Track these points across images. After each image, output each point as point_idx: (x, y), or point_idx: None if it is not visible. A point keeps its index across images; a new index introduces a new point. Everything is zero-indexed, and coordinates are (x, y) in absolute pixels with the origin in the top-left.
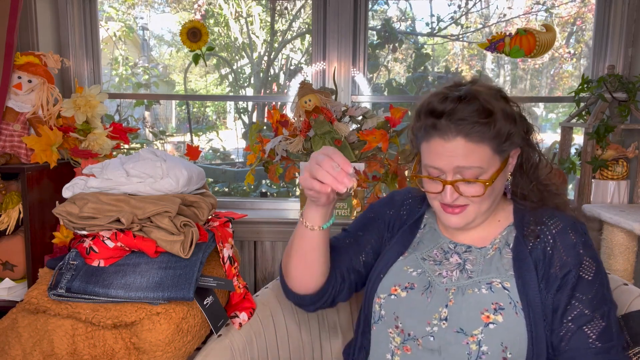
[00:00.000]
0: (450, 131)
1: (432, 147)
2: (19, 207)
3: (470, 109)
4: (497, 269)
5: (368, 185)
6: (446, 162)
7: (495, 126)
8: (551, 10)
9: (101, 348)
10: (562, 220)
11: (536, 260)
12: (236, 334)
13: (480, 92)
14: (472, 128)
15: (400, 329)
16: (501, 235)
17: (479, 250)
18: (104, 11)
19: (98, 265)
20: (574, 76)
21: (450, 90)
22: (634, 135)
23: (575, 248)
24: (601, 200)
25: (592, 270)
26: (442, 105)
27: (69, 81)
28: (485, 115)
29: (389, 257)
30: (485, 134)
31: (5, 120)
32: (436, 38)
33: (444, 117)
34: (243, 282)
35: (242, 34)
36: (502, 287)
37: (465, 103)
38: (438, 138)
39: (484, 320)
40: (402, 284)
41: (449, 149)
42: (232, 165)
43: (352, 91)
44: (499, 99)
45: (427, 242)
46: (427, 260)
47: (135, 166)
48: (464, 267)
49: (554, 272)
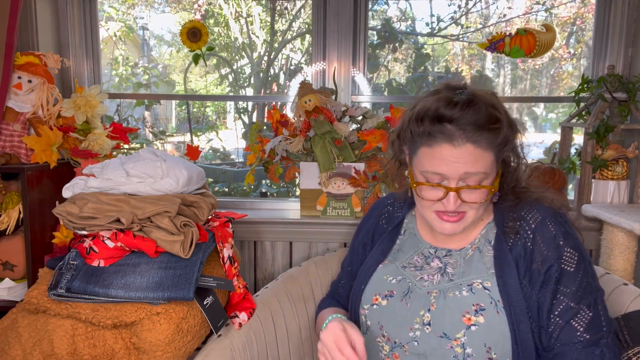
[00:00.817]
0: (459, 137)
1: (437, 152)
2: (19, 207)
3: (479, 115)
4: (477, 269)
5: (368, 185)
6: (453, 169)
7: (502, 133)
8: (551, 11)
9: (101, 348)
10: (540, 213)
11: (517, 257)
12: (236, 334)
13: (483, 97)
14: (480, 135)
15: (386, 338)
16: (481, 234)
17: (458, 253)
18: (104, 11)
19: (98, 265)
20: (574, 76)
21: (453, 94)
22: (634, 135)
23: (556, 240)
24: (601, 200)
25: (574, 260)
26: (450, 111)
27: (69, 81)
28: (494, 122)
29: (369, 267)
30: (493, 140)
31: (5, 120)
32: (436, 38)
33: (453, 122)
34: (243, 282)
35: (242, 34)
36: (483, 287)
37: (472, 108)
38: (446, 144)
39: (465, 322)
40: (382, 293)
41: (457, 155)
42: (232, 165)
43: (352, 91)
44: (499, 103)
45: (407, 249)
46: (408, 268)
47: (135, 166)
48: (445, 271)
49: (536, 268)
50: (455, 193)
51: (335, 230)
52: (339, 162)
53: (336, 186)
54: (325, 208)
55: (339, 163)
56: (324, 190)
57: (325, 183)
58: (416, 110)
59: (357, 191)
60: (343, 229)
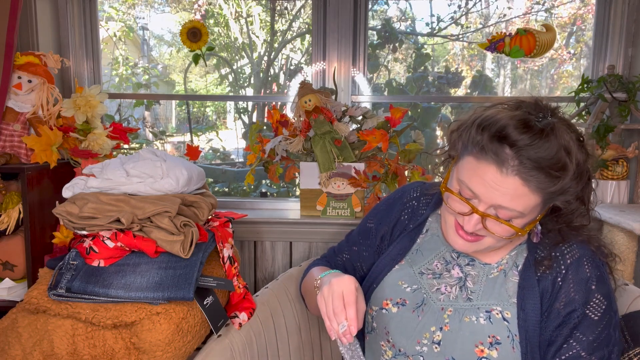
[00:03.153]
0: (511, 166)
1: (481, 170)
2: (19, 207)
3: (545, 153)
4: (499, 294)
5: (368, 185)
6: (489, 194)
7: (561, 182)
8: (551, 11)
9: (101, 348)
10: (580, 250)
11: (543, 291)
12: (236, 334)
13: (562, 134)
14: (535, 176)
15: (391, 344)
16: (509, 255)
17: (482, 267)
18: (104, 11)
19: (98, 265)
20: (574, 76)
21: (532, 115)
22: (634, 135)
23: (588, 283)
24: (601, 200)
25: (600, 309)
26: (518, 135)
27: (69, 81)
28: (559, 168)
29: (384, 266)
30: (546, 186)
31: (5, 120)
32: (436, 38)
33: (514, 148)
34: (243, 282)
35: (242, 34)
36: (502, 318)
37: (543, 142)
38: (494, 165)
39: (477, 354)
40: (394, 299)
41: (499, 182)
42: (232, 165)
43: (352, 91)
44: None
45: (428, 251)
46: (426, 274)
47: (135, 166)
48: (464, 284)
49: (557, 308)
50: (479, 217)
51: (335, 230)
52: (339, 162)
53: (336, 186)
54: (325, 208)
55: (339, 163)
56: (324, 190)
57: (325, 183)
58: (485, 115)
59: (357, 191)
60: (343, 229)
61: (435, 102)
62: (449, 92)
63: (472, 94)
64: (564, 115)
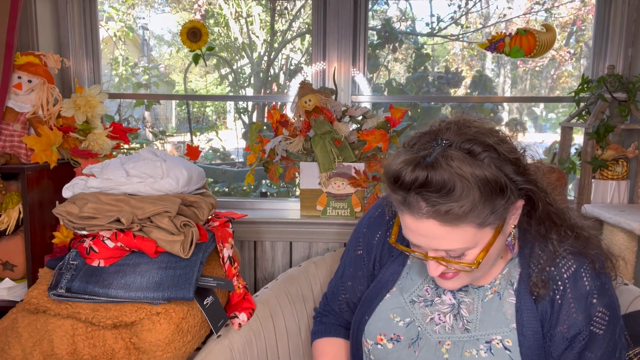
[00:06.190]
0: (420, 210)
1: (405, 221)
2: (19, 207)
3: (442, 185)
4: (497, 320)
5: (368, 185)
6: (423, 242)
7: (474, 205)
8: (551, 11)
9: (101, 348)
10: (576, 262)
11: (543, 313)
12: (236, 334)
13: (450, 161)
14: (441, 207)
15: None
16: (502, 274)
17: (476, 291)
18: (104, 11)
19: (98, 265)
20: (574, 76)
21: (420, 151)
22: (634, 135)
23: (588, 298)
24: (601, 200)
25: (604, 321)
26: (411, 174)
27: (69, 81)
28: (461, 195)
29: (374, 295)
30: (462, 213)
31: (5, 120)
32: (436, 38)
33: (412, 190)
34: (243, 282)
35: (242, 34)
36: (503, 347)
37: (436, 173)
38: (407, 214)
39: None
40: (387, 334)
41: (423, 229)
42: (232, 165)
43: (352, 91)
44: (473, 164)
45: (417, 275)
46: (417, 303)
47: (135, 166)
48: (458, 312)
49: (560, 331)
50: (434, 261)
51: (335, 230)
52: (339, 162)
53: (336, 186)
54: (325, 208)
55: (339, 163)
56: (324, 190)
57: (325, 183)
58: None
59: (357, 191)
60: (343, 229)
61: (435, 102)
62: (449, 92)
63: (472, 94)
64: (468, 130)
